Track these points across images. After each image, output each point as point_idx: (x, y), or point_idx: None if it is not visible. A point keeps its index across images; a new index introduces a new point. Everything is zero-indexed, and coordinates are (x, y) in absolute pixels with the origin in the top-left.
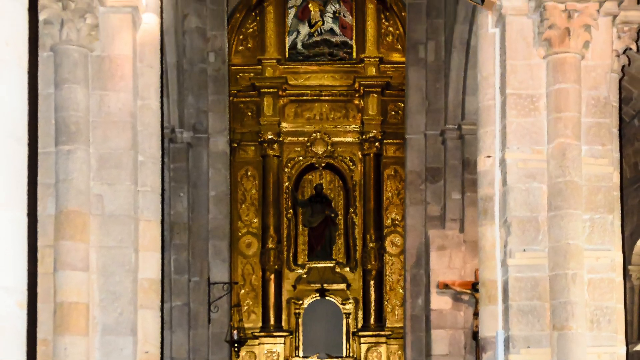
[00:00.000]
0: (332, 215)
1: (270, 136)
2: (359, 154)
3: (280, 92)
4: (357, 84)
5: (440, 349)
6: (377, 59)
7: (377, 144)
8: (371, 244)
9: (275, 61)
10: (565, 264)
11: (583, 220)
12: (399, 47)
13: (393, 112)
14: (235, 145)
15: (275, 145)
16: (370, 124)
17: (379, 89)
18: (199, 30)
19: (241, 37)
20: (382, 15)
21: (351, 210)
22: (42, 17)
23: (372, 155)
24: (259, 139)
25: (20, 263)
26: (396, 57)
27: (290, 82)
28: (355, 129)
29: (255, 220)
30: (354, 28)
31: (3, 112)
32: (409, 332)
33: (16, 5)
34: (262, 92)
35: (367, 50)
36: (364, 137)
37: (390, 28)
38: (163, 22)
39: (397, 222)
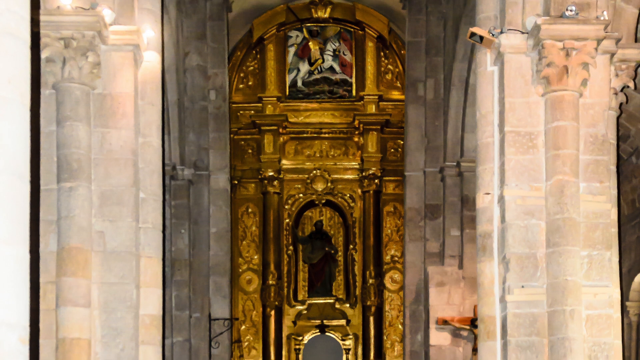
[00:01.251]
0: (332, 251)
1: (271, 173)
2: (359, 191)
3: (280, 130)
4: (356, 122)
5: None
6: (376, 97)
7: (376, 181)
8: (371, 280)
9: (275, 99)
10: (563, 300)
11: (581, 257)
12: (399, 84)
13: (392, 150)
14: (236, 182)
15: (275, 182)
16: (369, 161)
17: (379, 127)
18: (200, 68)
19: (242, 75)
20: (382, 54)
21: (351, 246)
22: (44, 54)
23: (371, 192)
24: (260, 176)
25: (23, 299)
26: (395, 94)
27: (290, 120)
28: (355, 166)
29: (255, 257)
30: (354, 66)
31: (6, 149)
32: None
33: (18, 43)
34: (262, 130)
35: (366, 88)
36: (363, 174)
37: (389, 66)
38: (164, 60)
39: (396, 258)
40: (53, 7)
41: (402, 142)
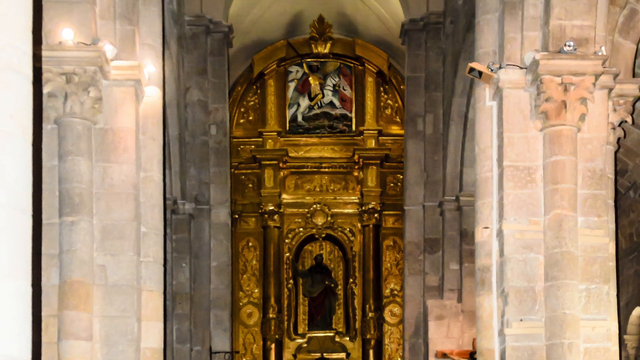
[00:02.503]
0: (332, 285)
1: (271, 207)
2: (359, 225)
3: (280, 164)
4: (356, 156)
5: None
6: (376, 132)
7: (376, 215)
8: (370, 314)
9: (275, 133)
10: (561, 333)
11: (579, 290)
12: (398, 119)
13: (392, 184)
14: (237, 216)
15: (276, 217)
16: (369, 196)
17: (378, 161)
18: (200, 103)
19: (242, 109)
20: (381, 89)
21: (351, 280)
22: (46, 90)
23: (371, 226)
24: (260, 210)
25: (25, 332)
26: (395, 129)
27: (290, 154)
28: (355, 201)
29: (256, 290)
30: (354, 101)
31: (8, 183)
32: None
33: (20, 78)
34: (263, 164)
35: (366, 123)
36: (363, 208)
37: (389, 101)
38: (165, 95)
39: (396, 292)
40: (55, 43)
41: (401, 177)
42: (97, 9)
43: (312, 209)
